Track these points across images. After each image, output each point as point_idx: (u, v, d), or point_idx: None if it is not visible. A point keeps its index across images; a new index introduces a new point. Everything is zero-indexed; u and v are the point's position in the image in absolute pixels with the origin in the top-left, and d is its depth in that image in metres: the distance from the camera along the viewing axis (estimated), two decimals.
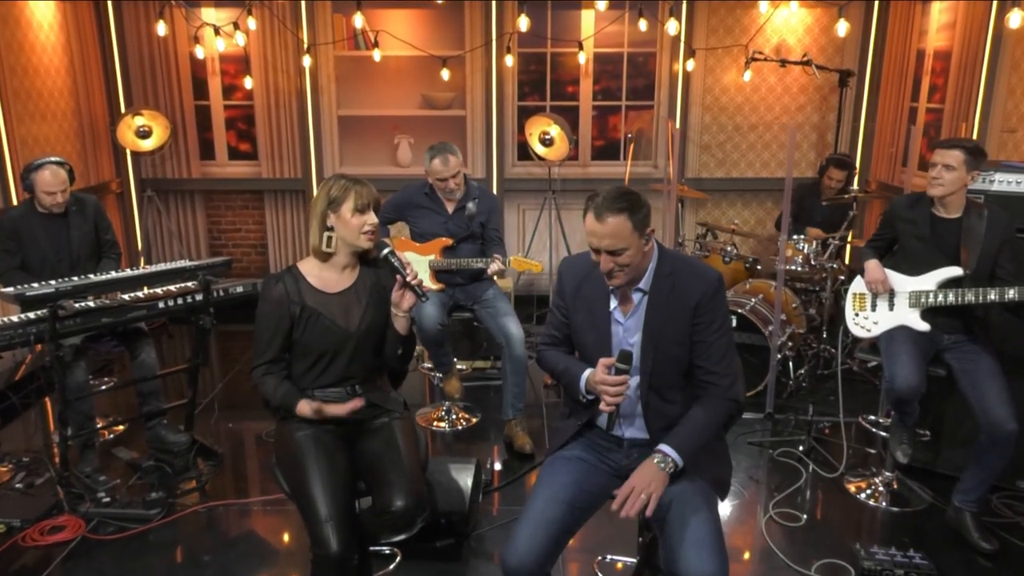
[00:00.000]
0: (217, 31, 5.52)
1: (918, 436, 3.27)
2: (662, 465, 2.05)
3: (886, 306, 3.23)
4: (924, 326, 3.11)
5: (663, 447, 2.08)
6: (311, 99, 5.91)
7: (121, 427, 4.07)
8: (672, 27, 5.39)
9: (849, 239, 4.80)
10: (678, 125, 6.00)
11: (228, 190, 6.15)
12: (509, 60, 5.76)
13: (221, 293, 3.66)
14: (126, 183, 5.97)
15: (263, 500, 3.41)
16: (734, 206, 6.26)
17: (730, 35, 5.89)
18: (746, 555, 3.11)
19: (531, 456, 3.79)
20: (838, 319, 5.04)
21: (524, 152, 6.03)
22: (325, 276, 2.41)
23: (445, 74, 5.73)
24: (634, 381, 2.15)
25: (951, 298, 3.03)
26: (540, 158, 5.64)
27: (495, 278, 4.09)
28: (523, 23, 5.39)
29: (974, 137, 4.68)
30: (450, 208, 4.00)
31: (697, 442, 2.11)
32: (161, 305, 3.42)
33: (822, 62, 5.75)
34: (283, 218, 6.16)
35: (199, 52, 5.62)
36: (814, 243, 4.63)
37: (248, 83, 5.70)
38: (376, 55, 5.66)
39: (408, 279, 2.29)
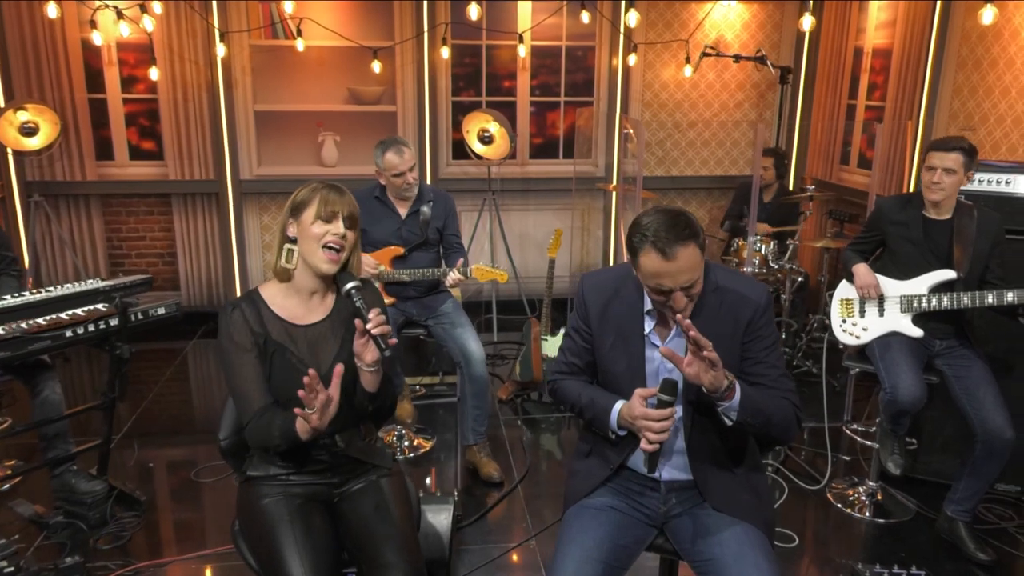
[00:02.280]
0: (120, 14, 4.89)
1: (907, 445, 3.16)
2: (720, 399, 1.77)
3: (875, 311, 3.09)
4: (917, 332, 2.99)
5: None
6: (224, 92, 5.37)
7: (18, 477, 3.47)
8: (632, 18, 5.18)
9: (798, 240, 4.71)
10: (618, 122, 5.80)
11: (130, 194, 5.51)
12: (445, 52, 5.40)
13: (140, 316, 3.16)
14: (8, 187, 5.24)
15: (202, 555, 2.95)
16: (674, 204, 6.10)
17: (669, 30, 5.74)
18: None
19: (500, 484, 3.48)
20: (798, 320, 4.98)
21: (459, 151, 5.69)
22: (290, 303, 2.00)
23: (376, 66, 5.31)
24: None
25: (945, 302, 2.91)
26: (479, 157, 5.31)
27: (451, 289, 3.74)
28: (473, 11, 5.04)
29: (919, 136, 4.69)
30: (403, 212, 3.62)
31: (759, 407, 1.80)
32: (69, 334, 2.90)
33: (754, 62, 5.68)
34: (194, 224, 5.58)
35: (96, 38, 4.95)
36: (771, 244, 4.51)
37: (154, 74, 5.09)
38: (300, 44, 5.17)
39: (370, 327, 1.83)
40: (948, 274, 2.94)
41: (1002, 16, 4.06)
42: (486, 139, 5.24)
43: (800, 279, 4.58)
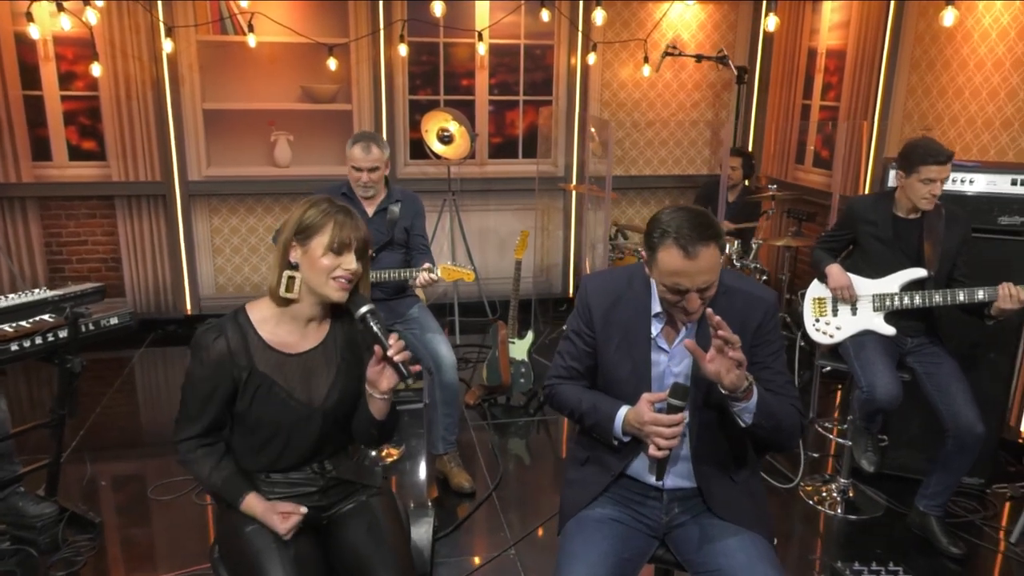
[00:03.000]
0: (61, 6, 4.62)
1: (880, 442, 3.19)
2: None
3: (848, 310, 3.11)
4: (890, 330, 3.02)
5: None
6: (170, 90, 5.14)
7: None
8: (599, 16, 5.13)
9: (762, 239, 4.75)
10: (577, 121, 5.77)
11: (70, 196, 5.23)
12: (403, 49, 5.28)
13: (91, 327, 2.98)
14: None
15: None
16: (633, 204, 6.12)
17: (626, 29, 5.73)
18: None
19: (471, 494, 3.39)
20: None
21: (417, 150, 5.58)
22: (283, 331, 1.84)
23: (332, 63, 5.16)
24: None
25: (917, 300, 2.95)
26: (438, 157, 5.21)
27: (419, 292, 3.65)
28: (437, 8, 4.93)
29: (875, 135, 4.77)
30: (370, 211, 3.51)
31: (772, 410, 1.77)
32: (14, 347, 2.71)
33: (711, 61, 5.72)
34: (140, 228, 5.33)
35: (33, 32, 4.66)
36: (735, 243, 4.53)
37: (96, 70, 4.83)
38: (252, 40, 4.99)
39: (391, 353, 1.73)
40: (919, 272, 2.97)
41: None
42: (446, 139, 5.14)
43: (764, 278, 4.61)
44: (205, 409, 1.81)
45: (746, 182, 5.21)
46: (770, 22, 4.64)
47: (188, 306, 5.50)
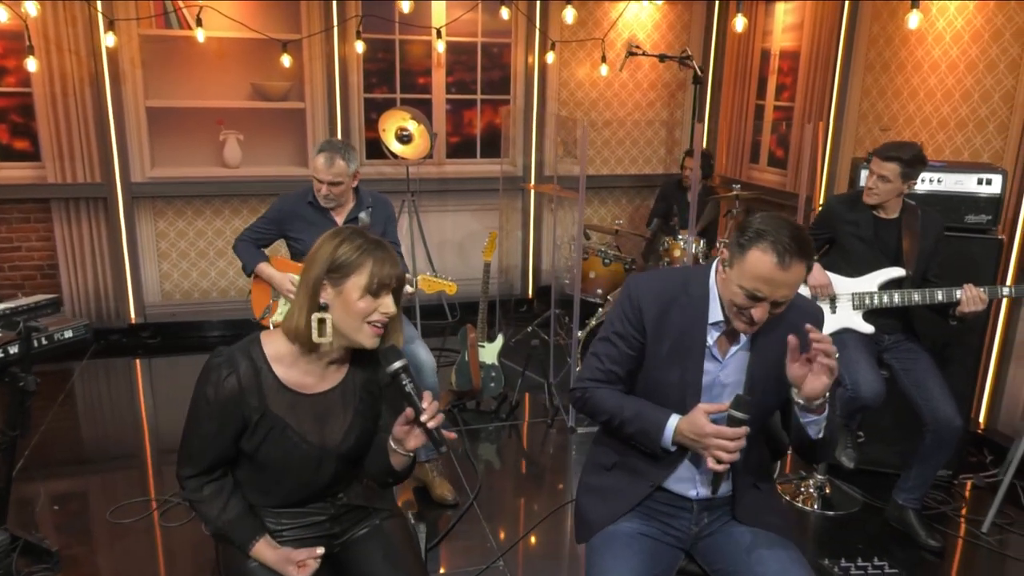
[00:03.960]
0: None
1: (857, 438, 3.24)
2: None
3: (828, 309, 3.15)
4: (869, 328, 3.06)
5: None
6: (110, 87, 4.86)
7: None
8: (569, 15, 5.09)
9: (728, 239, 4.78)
10: (535, 121, 5.72)
11: (1, 199, 4.89)
12: (359, 46, 5.12)
13: (44, 341, 2.78)
14: None
15: None
16: (591, 204, 6.11)
17: (583, 28, 5.71)
18: None
19: (454, 505, 3.30)
20: None
21: (373, 150, 5.43)
22: (300, 371, 1.68)
23: (286, 60, 4.97)
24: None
25: (896, 299, 3.00)
26: (397, 157, 5.08)
27: None
28: (405, 5, 4.80)
29: (830, 136, 4.87)
30: (340, 218, 3.38)
31: (834, 426, 1.79)
32: None
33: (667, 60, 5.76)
34: (78, 232, 5.02)
35: None
36: (701, 242, 4.55)
37: (32, 65, 4.52)
38: (200, 35, 4.75)
39: (424, 419, 1.60)
40: (897, 272, 3.03)
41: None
42: (405, 138, 5.01)
43: None
44: (210, 446, 1.66)
45: (706, 182, 5.25)
46: (738, 23, 4.69)
47: (132, 314, 5.22)
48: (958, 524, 3.28)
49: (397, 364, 1.62)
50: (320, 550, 1.67)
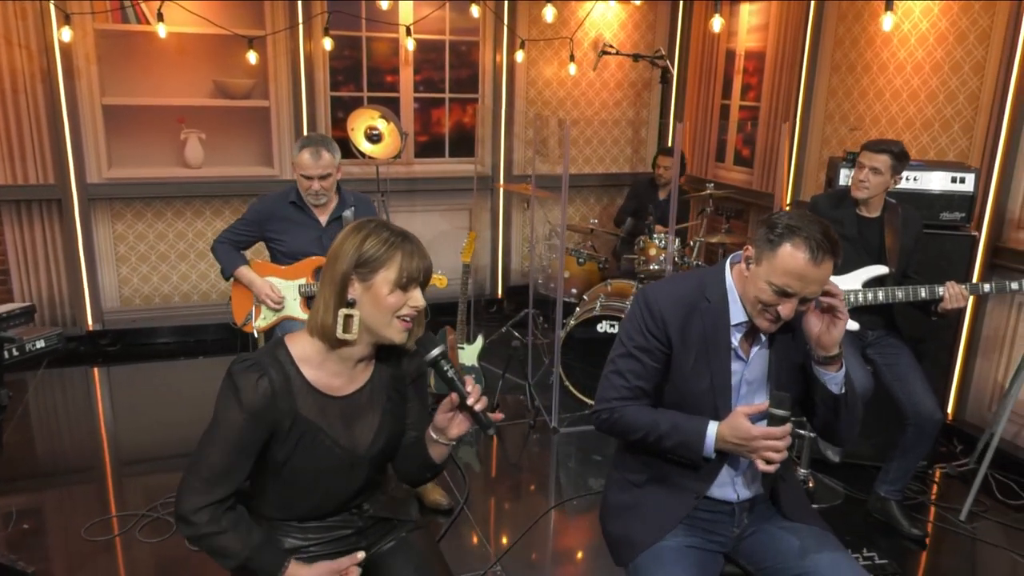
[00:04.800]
0: None
1: None
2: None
3: None
4: (854, 325, 3.12)
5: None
6: (64, 83, 4.65)
7: None
8: (549, 13, 5.07)
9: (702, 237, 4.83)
10: (503, 119, 5.69)
11: None
12: (327, 43, 5.01)
13: (15, 353, 2.65)
14: None
15: None
16: (558, 203, 6.09)
17: (550, 27, 5.69)
18: None
19: (448, 510, 3.25)
20: None
21: (341, 149, 5.29)
22: (328, 372, 1.62)
23: (252, 57, 4.83)
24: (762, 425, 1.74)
25: (880, 296, 3.06)
26: (366, 156, 4.99)
27: None
28: (384, 3, 4.72)
29: (796, 136, 4.97)
30: (323, 219, 3.29)
31: (852, 386, 1.84)
32: None
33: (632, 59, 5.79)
34: (31, 236, 4.80)
35: None
36: (676, 241, 4.59)
37: None
38: (161, 31, 4.58)
39: (470, 402, 1.56)
40: (880, 269, 3.09)
41: (873, 23, 4.37)
42: (374, 137, 4.93)
43: None
44: (238, 464, 1.56)
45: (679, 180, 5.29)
46: (715, 23, 4.74)
47: (89, 321, 5.01)
48: (936, 513, 3.38)
49: (436, 351, 1.59)
50: (360, 554, 1.59)
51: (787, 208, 4.69)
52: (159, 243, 5.12)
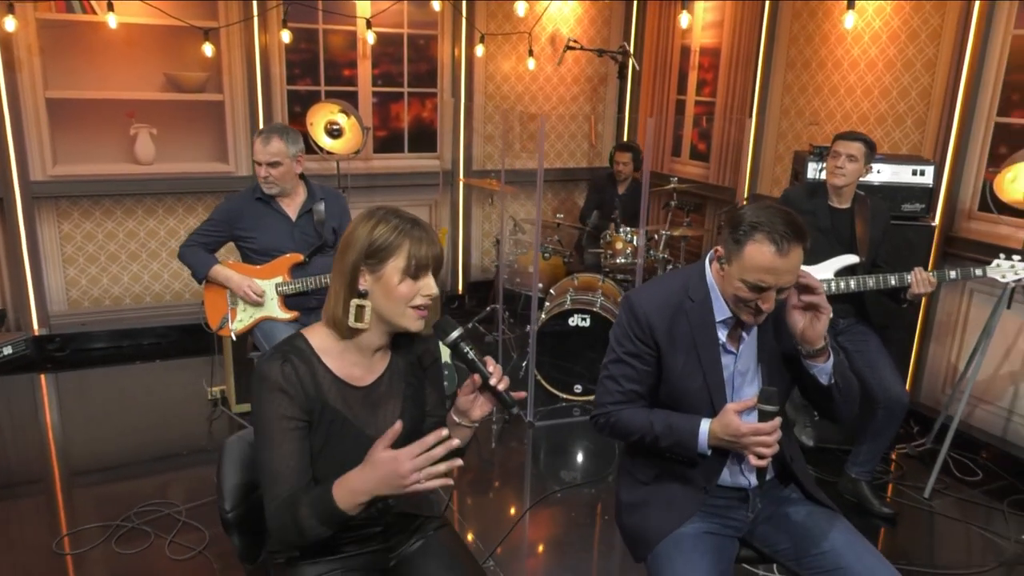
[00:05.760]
0: None
1: (813, 417, 3.42)
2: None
3: None
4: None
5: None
6: (4, 75, 4.42)
7: None
8: (521, 8, 5.06)
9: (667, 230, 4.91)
10: (462, 114, 5.67)
11: None
12: (285, 36, 4.89)
13: None
14: None
15: None
16: (517, 199, 6.12)
17: (508, 21, 5.69)
18: None
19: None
20: None
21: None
22: (349, 362, 1.61)
23: (208, 49, 4.68)
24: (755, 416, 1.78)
25: (853, 285, 3.17)
26: (327, 152, 4.90)
27: None
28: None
29: (753, 131, 5.09)
30: (293, 214, 3.22)
31: (844, 372, 1.87)
32: None
33: (589, 54, 5.84)
34: None
35: None
36: (640, 234, 4.65)
37: None
38: (112, 21, 4.39)
39: (493, 382, 1.55)
40: (852, 259, 3.20)
41: (828, 21, 4.52)
42: (335, 132, 4.85)
43: (670, 267, 4.78)
44: (298, 456, 1.51)
45: (635, 175, 5.37)
46: (683, 19, 4.82)
47: (35, 325, 4.76)
48: (902, 491, 3.53)
49: (455, 333, 1.58)
50: (445, 431, 1.46)
51: (745, 203, 4.81)
52: (108, 243, 4.91)
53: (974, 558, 3.09)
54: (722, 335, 1.86)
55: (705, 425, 1.78)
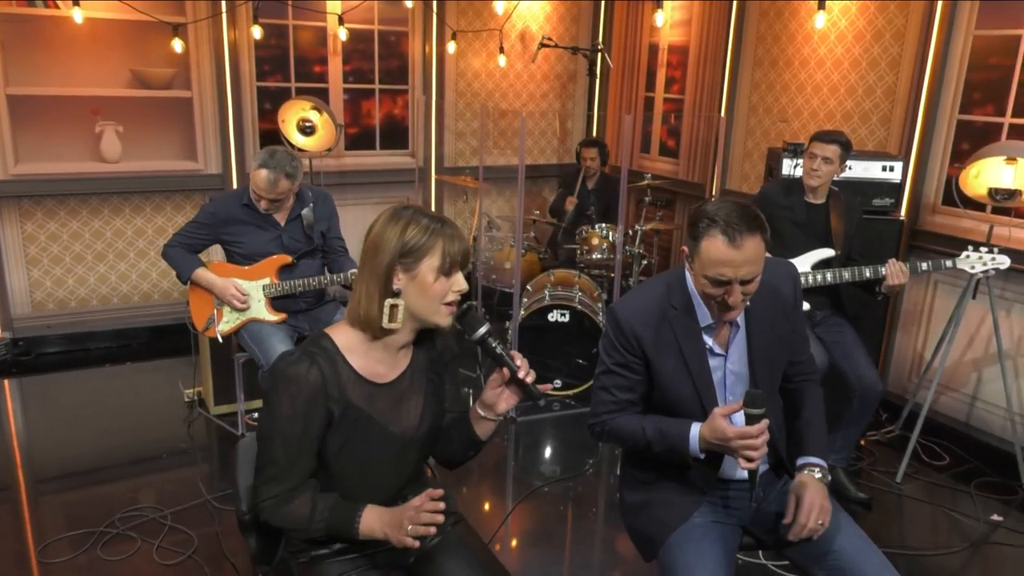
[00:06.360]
0: None
1: None
2: (820, 476, 1.89)
3: None
4: (806, 306, 3.32)
5: (810, 459, 1.92)
6: None
7: None
8: (500, 6, 5.05)
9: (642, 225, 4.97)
10: (434, 111, 5.66)
11: None
12: (256, 32, 4.82)
13: None
14: None
15: None
16: (489, 195, 6.13)
17: (479, 18, 5.70)
18: None
19: None
20: None
21: (270, 142, 5.13)
22: (374, 360, 1.63)
23: (178, 45, 4.59)
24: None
25: (829, 277, 3.27)
26: (299, 149, 4.85)
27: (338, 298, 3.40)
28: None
29: (722, 128, 5.19)
30: (282, 220, 3.19)
31: (826, 439, 1.99)
32: None
33: (558, 51, 5.88)
34: None
35: None
36: (616, 231, 4.71)
37: None
38: (78, 16, 4.28)
39: (521, 375, 1.59)
40: (827, 252, 3.30)
41: (794, 21, 4.63)
42: (307, 129, 4.80)
43: (645, 262, 4.85)
44: (301, 455, 1.54)
45: (603, 169, 5.42)
46: (658, 18, 4.89)
47: None
48: (874, 477, 3.65)
49: (483, 330, 1.62)
50: (440, 491, 1.52)
51: (713, 199, 4.90)
52: (74, 243, 4.79)
53: (945, 539, 3.21)
54: (708, 340, 1.89)
55: (695, 430, 1.80)
